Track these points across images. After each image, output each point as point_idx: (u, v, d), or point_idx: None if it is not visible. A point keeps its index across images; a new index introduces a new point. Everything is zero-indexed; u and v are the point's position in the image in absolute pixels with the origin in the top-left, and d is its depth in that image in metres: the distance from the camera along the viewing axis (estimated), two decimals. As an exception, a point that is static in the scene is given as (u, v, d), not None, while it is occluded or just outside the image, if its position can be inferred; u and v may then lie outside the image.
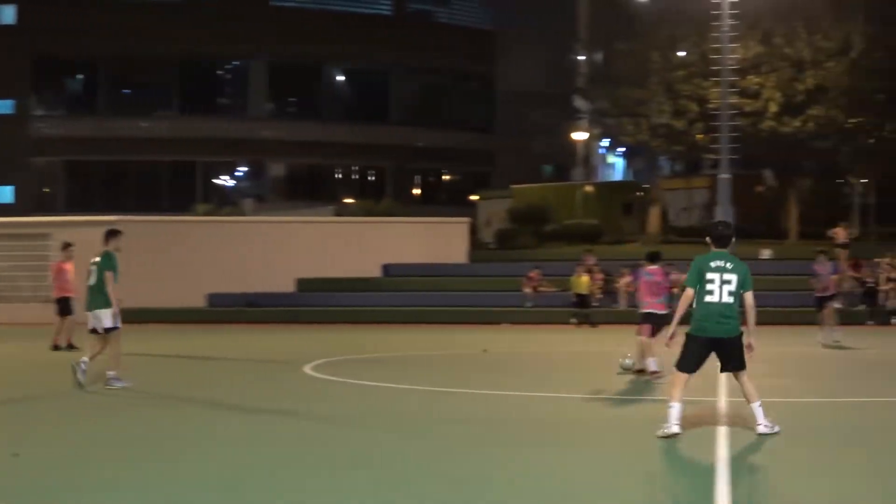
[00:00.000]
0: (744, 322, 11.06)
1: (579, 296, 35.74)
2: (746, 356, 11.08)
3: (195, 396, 15.23)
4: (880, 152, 47.28)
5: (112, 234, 16.36)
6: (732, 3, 36.46)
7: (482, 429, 11.82)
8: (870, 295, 34.48)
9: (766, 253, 41.54)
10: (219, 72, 75.08)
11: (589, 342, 27.46)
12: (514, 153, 77.21)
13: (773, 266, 40.65)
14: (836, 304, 34.63)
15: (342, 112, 74.58)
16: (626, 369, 18.20)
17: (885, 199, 52.68)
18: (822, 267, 25.25)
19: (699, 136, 44.27)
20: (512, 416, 12.93)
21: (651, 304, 17.68)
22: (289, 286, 40.48)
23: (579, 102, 69.23)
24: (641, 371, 17.68)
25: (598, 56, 66.45)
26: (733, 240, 11.59)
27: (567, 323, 35.20)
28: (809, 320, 33.09)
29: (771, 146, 44.68)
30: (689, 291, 11.11)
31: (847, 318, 33.14)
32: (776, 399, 14.36)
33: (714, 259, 11.14)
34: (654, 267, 18.18)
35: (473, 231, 47.36)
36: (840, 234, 39.27)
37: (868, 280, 35.22)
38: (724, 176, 36.40)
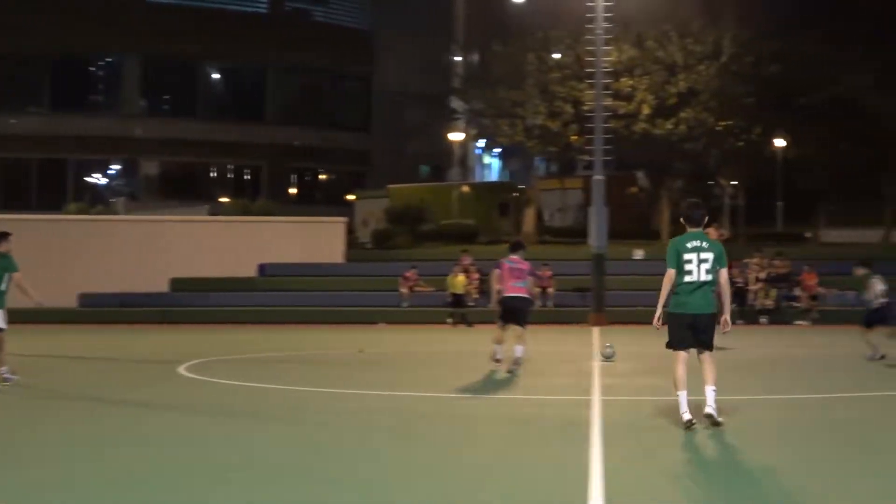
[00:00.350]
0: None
1: (455, 295, 35.82)
2: (722, 331, 11.54)
3: (67, 394, 14.85)
4: (748, 155, 48.30)
5: (3, 236, 16.53)
6: (606, 6, 36.83)
7: (355, 427, 11.70)
8: (739, 295, 35.10)
9: (638, 253, 42.13)
10: (91, 68, 73.41)
11: (465, 342, 27.49)
12: (391, 153, 77.12)
13: (646, 266, 41.24)
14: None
15: (217, 110, 73.63)
16: (607, 357, 19.87)
17: (753, 200, 53.87)
18: None
19: (574, 138, 44.69)
20: (385, 414, 12.83)
21: (511, 289, 18.22)
22: (163, 286, 39.85)
23: (456, 103, 69.40)
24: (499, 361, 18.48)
25: (475, 57, 66.79)
26: (706, 218, 11.93)
27: (444, 322, 35.25)
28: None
29: (644, 148, 45.31)
30: (671, 272, 11.48)
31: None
32: (648, 398, 14.52)
33: (690, 240, 11.49)
34: (515, 256, 18.65)
35: (350, 231, 47.18)
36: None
37: (737, 280, 35.87)
38: (598, 177, 36.73)
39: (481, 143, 75.55)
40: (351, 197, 65.12)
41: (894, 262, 41.10)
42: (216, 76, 75.81)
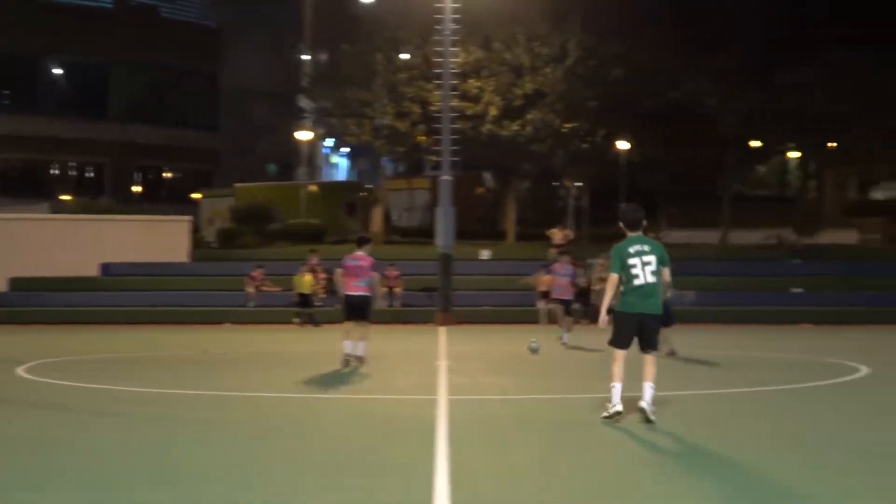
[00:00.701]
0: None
1: (302, 295, 35.55)
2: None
3: None
4: (593, 156, 49.07)
5: None
6: (454, 7, 36.98)
7: (196, 428, 11.45)
8: (583, 295, 35.55)
9: (485, 254, 42.43)
10: (-73, 61, 70.93)
11: (312, 341, 27.29)
12: (238, 151, 76.27)
13: (492, 266, 41.59)
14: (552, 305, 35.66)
15: (60, 106, 71.80)
16: (533, 351, 21.03)
17: (598, 201, 54.78)
18: (563, 267, 25.64)
19: (421, 138, 44.78)
20: (231, 415, 12.59)
21: (352, 287, 18.73)
22: (1, 285, 38.68)
23: (304, 102, 68.97)
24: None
25: (323, 56, 66.38)
26: (644, 223, 12.27)
27: (291, 322, 34.95)
28: (530, 318, 34.12)
29: (491, 149, 45.65)
30: (614, 277, 11.84)
31: (552, 318, 34.23)
32: (494, 397, 14.57)
33: (631, 244, 11.90)
34: (360, 252, 18.96)
35: (195, 230, 46.44)
36: (556, 235, 40.53)
37: (580, 282, 36.30)
38: (446, 177, 36.86)
39: (329, 142, 75.22)
40: (197, 195, 64.13)
41: (730, 262, 42.46)
42: (59, 71, 73.87)
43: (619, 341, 11.87)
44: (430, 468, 9.04)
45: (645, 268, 11.79)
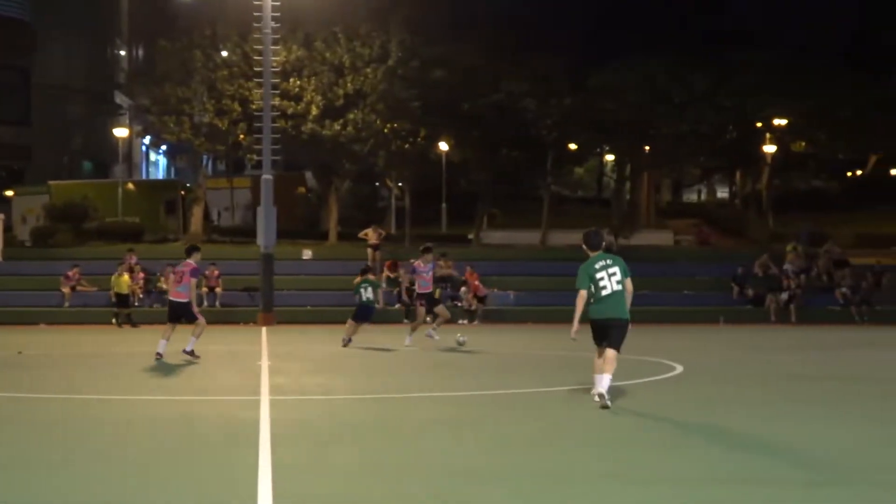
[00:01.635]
0: None
1: (120, 295, 34.78)
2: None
3: None
4: (414, 157, 49.33)
5: None
6: (274, 5, 36.69)
7: (9, 429, 11.09)
8: (409, 295, 35.76)
9: (307, 253, 42.25)
10: None
11: (130, 342, 26.69)
12: (52, 148, 73.93)
13: (315, 266, 41.46)
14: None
15: None
16: (460, 344, 22.74)
17: (419, 202, 55.00)
18: (425, 266, 25.55)
19: (242, 137, 44.26)
20: (45, 417, 12.22)
21: (173, 293, 20.31)
22: None
23: (121, 98, 67.48)
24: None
25: (140, 52, 65.03)
26: (604, 243, 14.10)
27: (109, 323, 34.17)
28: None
29: (312, 148, 45.46)
30: (583, 292, 13.43)
31: (387, 318, 34.35)
32: (317, 397, 14.52)
33: (597, 261, 13.59)
34: (188, 260, 20.23)
35: (7, 228, 44.95)
36: (371, 235, 40.62)
37: (403, 280, 36.56)
38: (267, 176, 36.54)
39: (147, 139, 73.72)
40: (9, 193, 61.98)
41: (550, 263, 43.22)
42: None
43: (595, 340, 13.51)
44: (253, 469, 8.95)
45: (611, 279, 13.40)
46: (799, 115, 51.05)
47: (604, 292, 13.35)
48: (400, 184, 56.39)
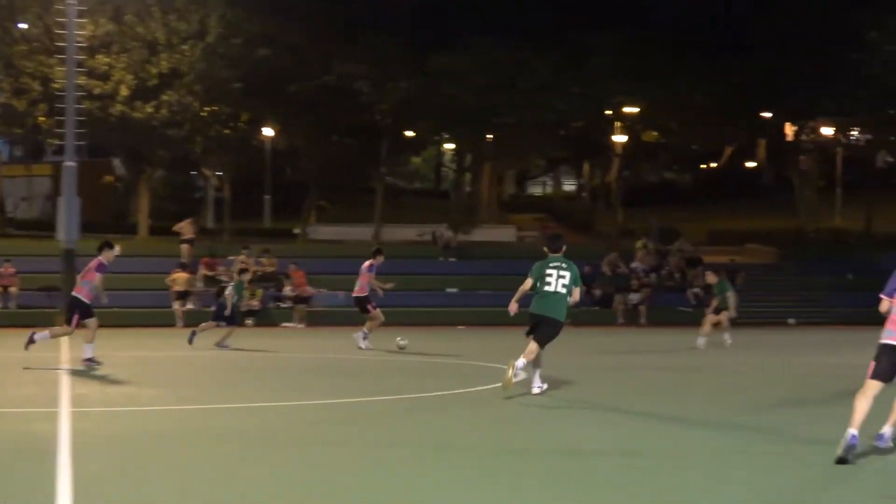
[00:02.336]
0: None
1: None
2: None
3: None
4: (235, 144, 48.87)
5: None
6: (80, -26, 35.92)
7: None
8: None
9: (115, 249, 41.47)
10: None
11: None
12: None
13: (122, 264, 40.69)
14: (191, 305, 35.49)
15: None
16: (401, 348, 23.59)
17: (240, 193, 54.59)
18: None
19: (42, 119, 43.23)
20: None
21: (77, 288, 20.33)
22: None
23: None
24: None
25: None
26: (564, 247, 15.95)
27: None
28: (165, 321, 33.68)
29: (122, 132, 44.63)
30: (528, 283, 15.68)
31: (201, 319, 33.99)
32: (122, 408, 14.35)
33: (552, 262, 15.71)
34: (100, 257, 20.33)
35: None
36: (186, 228, 40.11)
37: (223, 278, 36.18)
38: (70, 163, 35.76)
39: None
40: None
41: (384, 260, 43.24)
42: None
43: (529, 332, 15.71)
44: (51, 487, 8.82)
45: (559, 280, 15.47)
46: (651, 103, 52.26)
47: (546, 289, 15.48)
48: (219, 173, 55.86)
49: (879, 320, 11.14)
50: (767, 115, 55.37)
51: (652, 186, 72.10)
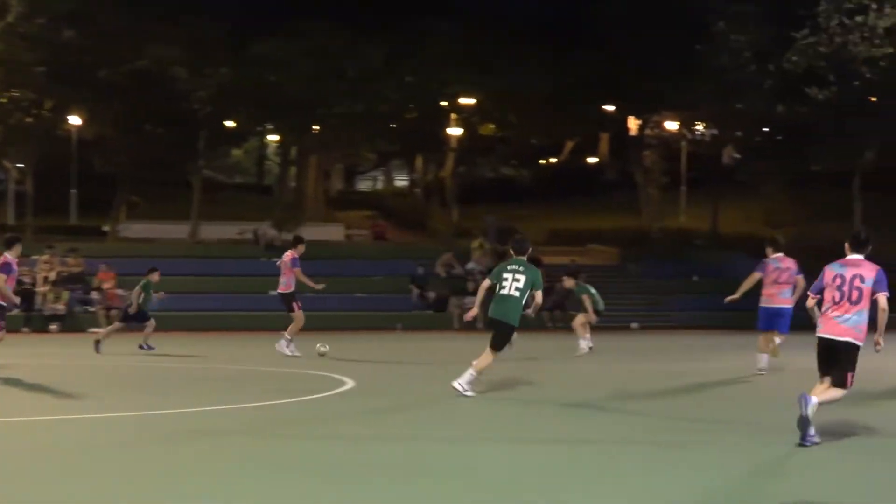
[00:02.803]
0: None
1: None
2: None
3: None
4: (38, 133, 47.80)
5: None
6: None
7: None
8: (27, 298, 34.71)
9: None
10: None
11: None
12: None
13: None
14: None
15: None
16: (321, 355, 24.27)
17: (44, 186, 53.30)
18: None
19: None
20: None
21: None
22: None
23: None
24: None
25: None
26: (530, 249, 17.27)
27: None
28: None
29: None
30: (486, 283, 17.29)
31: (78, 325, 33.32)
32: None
33: (511, 264, 16.98)
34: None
35: None
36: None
37: (24, 280, 35.39)
38: None
39: None
40: None
41: (202, 261, 42.93)
42: None
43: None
44: None
45: (513, 283, 16.65)
46: (488, 95, 52.69)
47: (502, 292, 16.77)
48: (20, 165, 54.52)
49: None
50: (610, 108, 56.30)
51: (489, 183, 72.53)
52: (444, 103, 53.86)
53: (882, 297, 12.49)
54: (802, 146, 48.96)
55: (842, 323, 12.45)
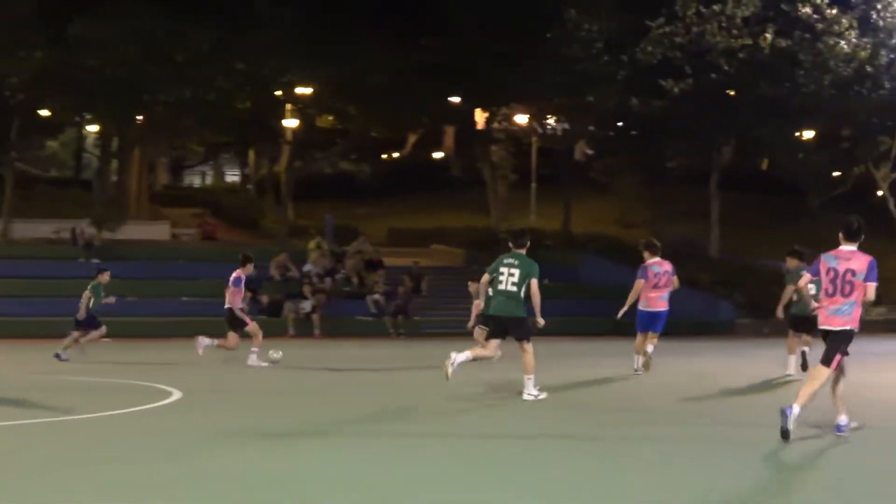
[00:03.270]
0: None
1: None
2: (536, 327, 18.18)
3: None
4: None
5: None
6: None
7: None
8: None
9: None
10: None
11: None
12: None
13: None
14: None
15: None
16: (274, 362, 24.57)
17: None
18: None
19: None
20: None
21: None
22: None
23: None
24: None
25: None
26: (528, 243, 18.41)
27: None
28: None
29: None
30: (486, 277, 18.47)
31: None
32: None
33: (507, 258, 18.12)
34: None
35: None
36: None
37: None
38: None
39: None
40: None
41: (14, 262, 42.08)
42: None
43: (490, 334, 18.54)
44: None
45: (509, 278, 17.86)
46: (325, 84, 52.46)
47: (499, 287, 17.96)
48: None
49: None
50: (456, 99, 56.42)
51: (327, 179, 72.47)
52: (278, 93, 53.46)
53: (871, 288, 13.65)
54: (657, 142, 49.79)
55: (835, 315, 13.75)
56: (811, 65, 45.98)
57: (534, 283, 17.82)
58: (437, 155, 78.45)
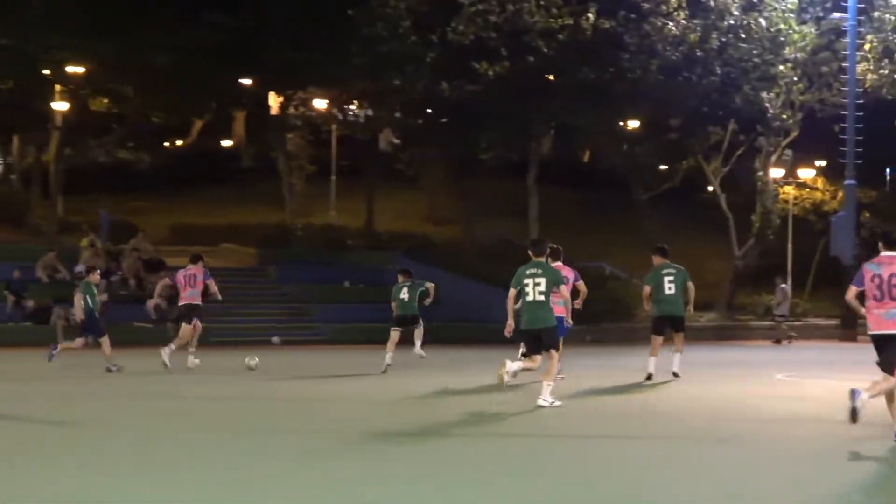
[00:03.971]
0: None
1: None
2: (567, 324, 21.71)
3: None
4: None
5: None
6: None
7: None
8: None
9: None
10: None
11: None
12: None
13: None
14: None
15: None
16: (251, 369, 25.93)
17: None
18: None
19: None
20: None
21: None
22: None
23: None
24: None
25: None
26: (548, 251, 20.45)
27: None
28: None
29: None
30: (512, 292, 19.84)
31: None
32: None
33: (529, 268, 19.55)
34: None
35: None
36: None
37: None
38: None
39: None
40: None
41: None
42: None
43: (527, 350, 20.16)
44: None
45: (535, 288, 19.22)
46: (100, 62, 51.52)
47: (527, 299, 19.41)
48: None
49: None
50: (247, 81, 55.88)
51: (102, 169, 71.31)
52: (46, 71, 52.42)
53: None
54: (470, 130, 49.98)
55: (887, 318, 15.26)
56: (637, 48, 46.71)
57: (563, 288, 19.98)
58: (227, 143, 77.92)
